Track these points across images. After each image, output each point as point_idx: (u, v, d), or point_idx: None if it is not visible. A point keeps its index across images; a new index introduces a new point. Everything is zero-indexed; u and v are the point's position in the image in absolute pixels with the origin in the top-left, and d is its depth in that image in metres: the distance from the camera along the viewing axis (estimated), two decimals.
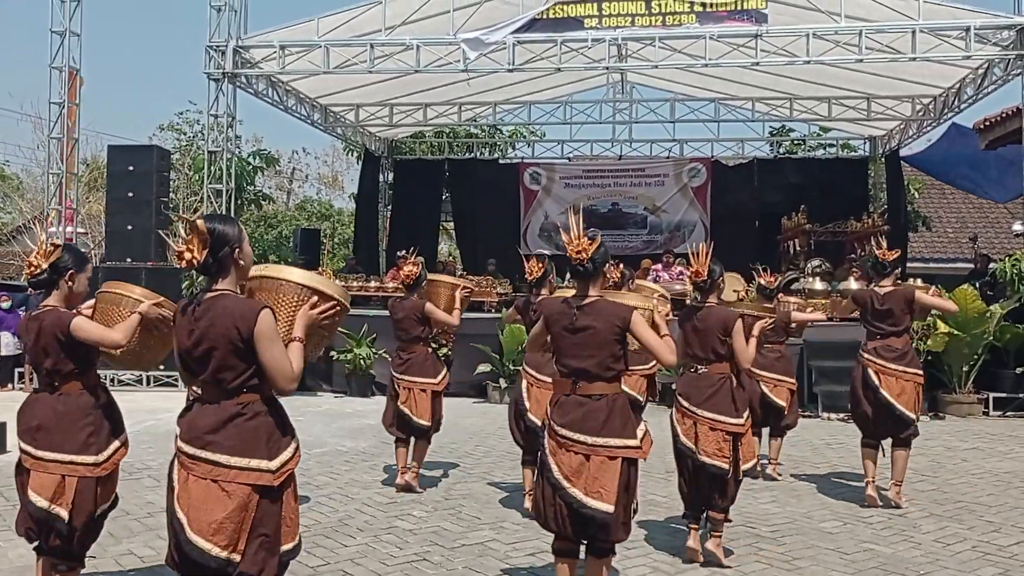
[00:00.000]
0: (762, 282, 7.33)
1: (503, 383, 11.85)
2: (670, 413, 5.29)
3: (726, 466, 5.03)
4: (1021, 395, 11.06)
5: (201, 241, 3.07)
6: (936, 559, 5.26)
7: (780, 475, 7.45)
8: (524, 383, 6.20)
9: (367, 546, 5.42)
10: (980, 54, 12.35)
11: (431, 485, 6.99)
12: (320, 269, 14.76)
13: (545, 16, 12.80)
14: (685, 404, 5.13)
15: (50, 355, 3.89)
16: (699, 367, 5.17)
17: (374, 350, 12.30)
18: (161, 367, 5.06)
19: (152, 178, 13.07)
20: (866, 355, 6.55)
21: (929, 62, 12.82)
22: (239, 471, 3.02)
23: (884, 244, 6.78)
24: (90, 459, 3.88)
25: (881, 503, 6.43)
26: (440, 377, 6.84)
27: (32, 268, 3.95)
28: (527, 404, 6.11)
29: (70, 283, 3.97)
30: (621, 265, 8.32)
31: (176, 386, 12.29)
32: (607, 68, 14.63)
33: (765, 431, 7.47)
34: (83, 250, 5.93)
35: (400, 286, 7.09)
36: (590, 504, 3.84)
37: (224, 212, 13.89)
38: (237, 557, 3.01)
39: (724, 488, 5.11)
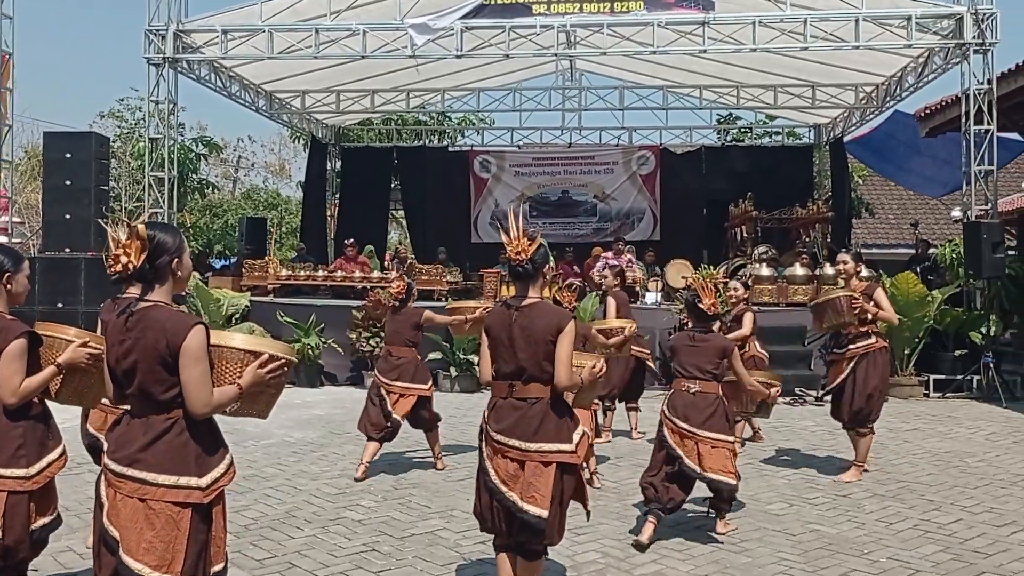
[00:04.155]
0: None
1: (453, 371, 11.80)
2: (661, 431, 5.36)
3: (734, 481, 5.28)
4: (960, 377, 11.32)
5: (140, 247, 2.98)
6: (879, 538, 5.36)
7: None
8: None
9: (315, 537, 5.35)
10: (921, 43, 12.57)
11: (380, 474, 6.92)
12: (267, 258, 14.54)
13: (493, 2, 12.72)
14: (684, 425, 5.25)
15: None
16: (691, 385, 5.32)
17: (323, 340, 12.16)
18: None
19: (91, 166, 12.67)
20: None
21: (872, 50, 13.03)
22: (167, 489, 2.93)
23: (851, 259, 7.04)
24: (20, 472, 3.62)
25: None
26: (429, 383, 7.04)
27: None
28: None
29: (8, 285, 3.78)
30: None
31: None
32: (556, 55, 14.61)
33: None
34: (16, 247, 5.71)
35: (394, 303, 7.19)
36: (526, 508, 3.83)
37: (167, 200, 13.62)
38: None
39: (732, 495, 5.41)
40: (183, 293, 3.00)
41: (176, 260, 3.06)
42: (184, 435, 2.98)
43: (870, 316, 6.76)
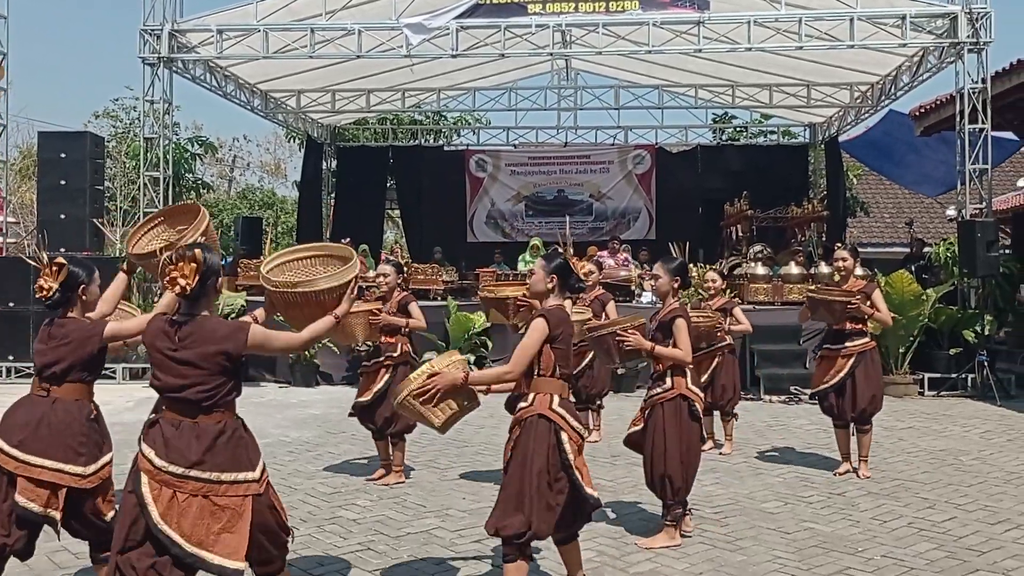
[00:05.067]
0: None
1: None
2: (694, 410, 5.19)
3: None
4: (954, 375, 11.35)
5: (195, 268, 3.34)
6: (873, 536, 5.37)
7: None
8: None
9: (311, 536, 5.35)
10: (915, 42, 12.59)
11: (376, 474, 6.91)
12: (262, 258, 14.53)
13: (488, 1, 12.72)
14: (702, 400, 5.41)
15: (66, 359, 3.90)
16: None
17: None
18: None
19: (85, 165, 12.66)
20: None
21: (867, 50, 13.05)
22: (230, 485, 3.35)
23: (850, 256, 7.05)
24: (78, 469, 3.87)
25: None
26: None
27: (44, 291, 3.96)
28: None
29: (84, 296, 4.04)
30: None
31: (114, 379, 12.00)
32: (551, 54, 14.62)
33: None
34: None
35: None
36: (594, 495, 4.13)
37: (162, 199, 13.59)
38: (241, 564, 3.29)
39: None
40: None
41: (219, 279, 3.50)
42: (236, 435, 3.43)
43: (866, 315, 6.78)
